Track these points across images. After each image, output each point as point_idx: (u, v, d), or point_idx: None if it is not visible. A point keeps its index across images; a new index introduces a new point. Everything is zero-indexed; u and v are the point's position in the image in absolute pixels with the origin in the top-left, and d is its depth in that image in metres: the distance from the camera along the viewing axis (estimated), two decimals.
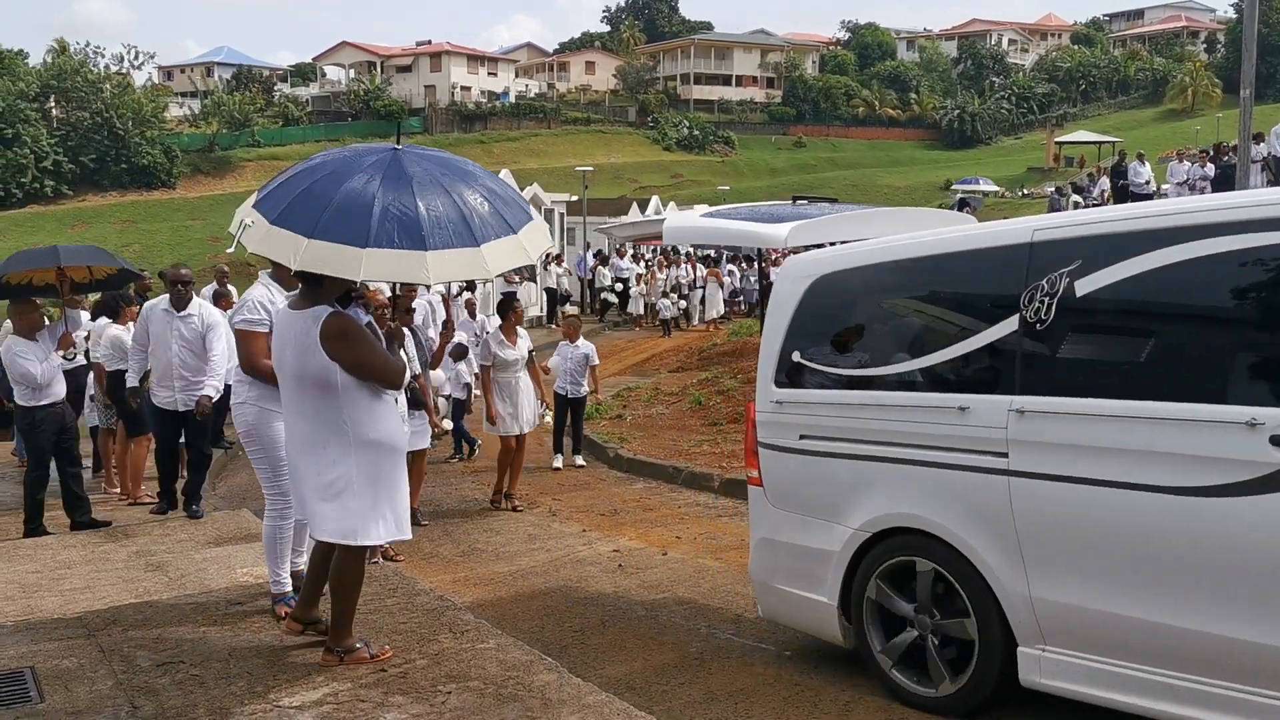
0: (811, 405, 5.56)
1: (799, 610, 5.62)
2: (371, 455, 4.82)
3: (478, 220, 4.60)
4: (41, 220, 67.01)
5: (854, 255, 5.71)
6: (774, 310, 5.95)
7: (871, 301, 5.62)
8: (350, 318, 4.80)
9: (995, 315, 4.82)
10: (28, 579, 6.81)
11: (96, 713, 4.58)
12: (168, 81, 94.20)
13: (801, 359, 5.66)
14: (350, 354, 4.73)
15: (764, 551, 5.81)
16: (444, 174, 4.72)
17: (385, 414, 4.90)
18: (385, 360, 4.86)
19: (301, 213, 4.45)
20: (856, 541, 5.25)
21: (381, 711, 4.54)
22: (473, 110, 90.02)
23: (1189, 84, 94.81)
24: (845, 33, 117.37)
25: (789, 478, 5.65)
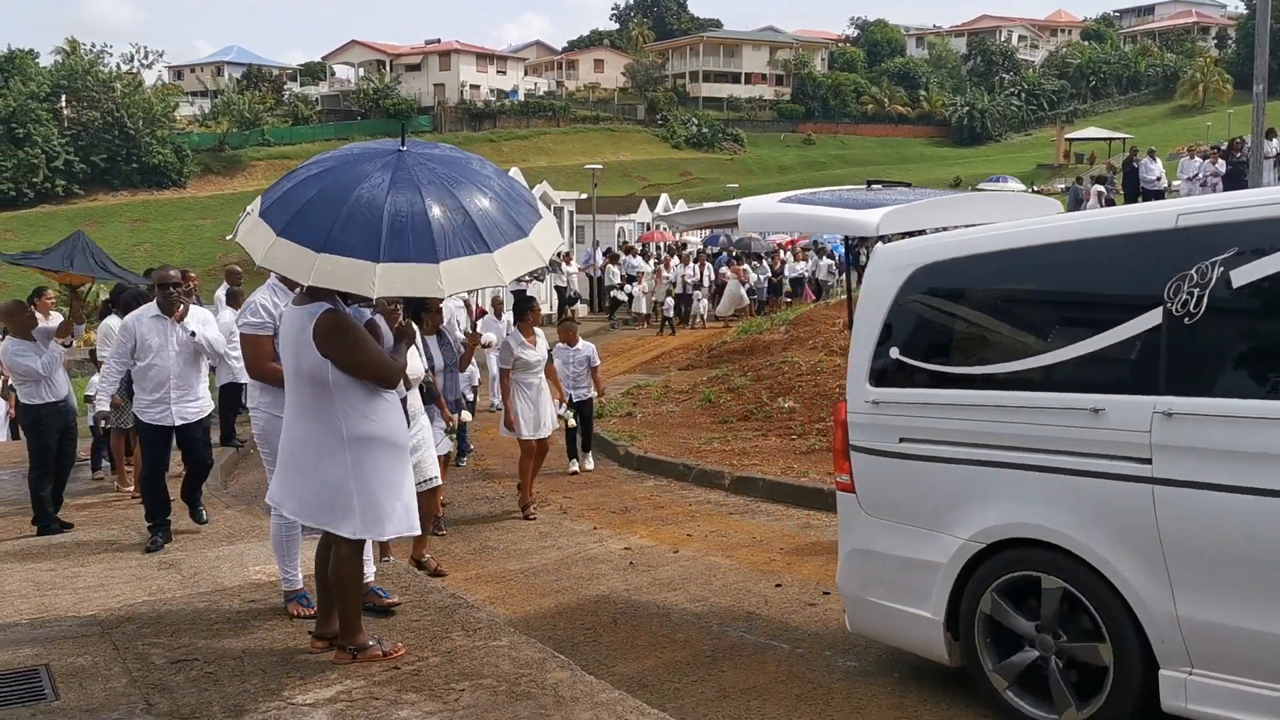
0: (914, 406, 5.15)
1: (897, 626, 5.23)
2: (367, 451, 4.83)
3: (488, 225, 4.52)
4: (53, 220, 67.23)
5: (963, 243, 5.29)
6: (867, 303, 5.51)
7: (985, 293, 5.19)
8: (344, 315, 4.80)
9: (1134, 308, 4.40)
10: (41, 577, 6.84)
11: (111, 710, 4.60)
12: (178, 81, 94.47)
13: (902, 356, 5.24)
14: (341, 351, 4.74)
15: (856, 563, 5.42)
16: (451, 176, 4.65)
17: (382, 411, 4.90)
18: (379, 359, 4.84)
19: (309, 224, 4.38)
20: (967, 553, 4.85)
21: (395, 709, 4.55)
22: (482, 109, 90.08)
23: (1200, 80, 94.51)
24: (854, 30, 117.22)
25: (887, 484, 5.26)
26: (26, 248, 62.90)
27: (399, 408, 5.06)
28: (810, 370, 14.34)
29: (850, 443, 5.43)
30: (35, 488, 8.39)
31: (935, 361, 5.17)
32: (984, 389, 4.91)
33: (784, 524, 9.03)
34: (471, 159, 4.97)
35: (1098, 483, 4.40)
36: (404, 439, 5.06)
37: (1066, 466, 4.50)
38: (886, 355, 5.30)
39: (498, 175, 4.90)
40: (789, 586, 7.13)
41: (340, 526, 4.85)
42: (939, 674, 5.45)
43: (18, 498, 9.94)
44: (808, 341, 16.46)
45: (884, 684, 5.39)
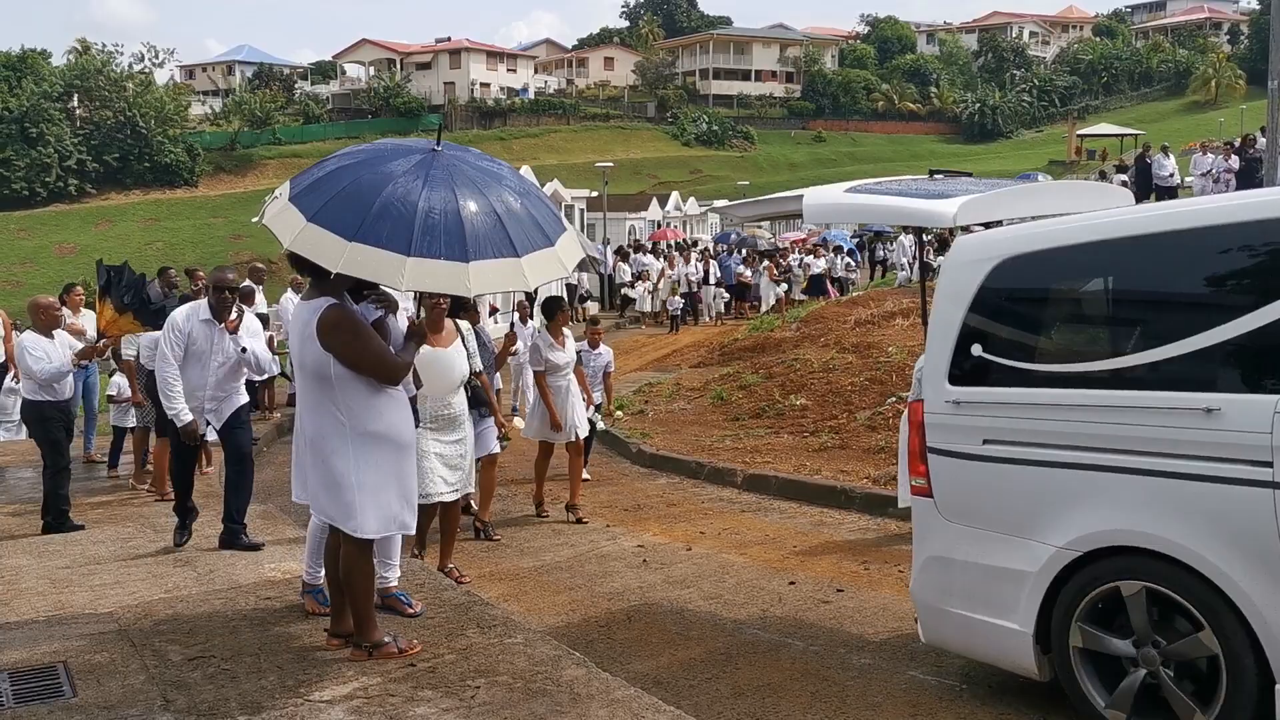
0: (1000, 406, 4.87)
1: (979, 638, 4.96)
2: (370, 447, 4.84)
3: (518, 231, 4.55)
4: (66, 219, 67.55)
5: (1055, 233, 4.98)
6: (945, 298, 5.25)
7: (1079, 286, 4.93)
8: (347, 310, 4.81)
9: (1251, 301, 4.13)
10: (58, 574, 6.88)
11: (129, 707, 4.62)
12: (189, 80, 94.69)
13: (986, 353, 4.97)
14: (343, 346, 4.75)
15: (934, 570, 5.16)
16: (484, 180, 4.68)
17: (386, 407, 4.89)
18: (380, 355, 4.82)
19: (342, 212, 4.38)
20: (1061, 561, 4.56)
21: (411, 706, 4.57)
22: (492, 107, 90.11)
23: (1212, 76, 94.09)
24: (864, 26, 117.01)
25: (969, 488, 4.99)
26: (40, 247, 63.42)
27: (405, 405, 5.06)
28: (822, 368, 14.33)
29: (927, 445, 5.17)
30: (54, 485, 8.36)
31: (1024, 359, 4.92)
32: (1080, 388, 4.65)
33: (797, 521, 9.03)
34: (503, 166, 5.01)
35: (1210, 487, 4.15)
36: (408, 437, 5.04)
37: (1174, 470, 4.26)
38: (968, 353, 5.04)
39: (526, 185, 4.94)
40: (803, 584, 7.13)
41: (344, 522, 4.88)
42: (953, 672, 5.46)
43: (36, 495, 9.98)
44: (819, 339, 16.45)
45: (899, 682, 5.39)
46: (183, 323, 7.39)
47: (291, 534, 7.89)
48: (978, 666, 5.52)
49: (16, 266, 60.71)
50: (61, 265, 59.65)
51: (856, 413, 12.26)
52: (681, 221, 47.16)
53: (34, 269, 60.33)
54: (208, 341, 7.39)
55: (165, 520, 8.52)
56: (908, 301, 18.42)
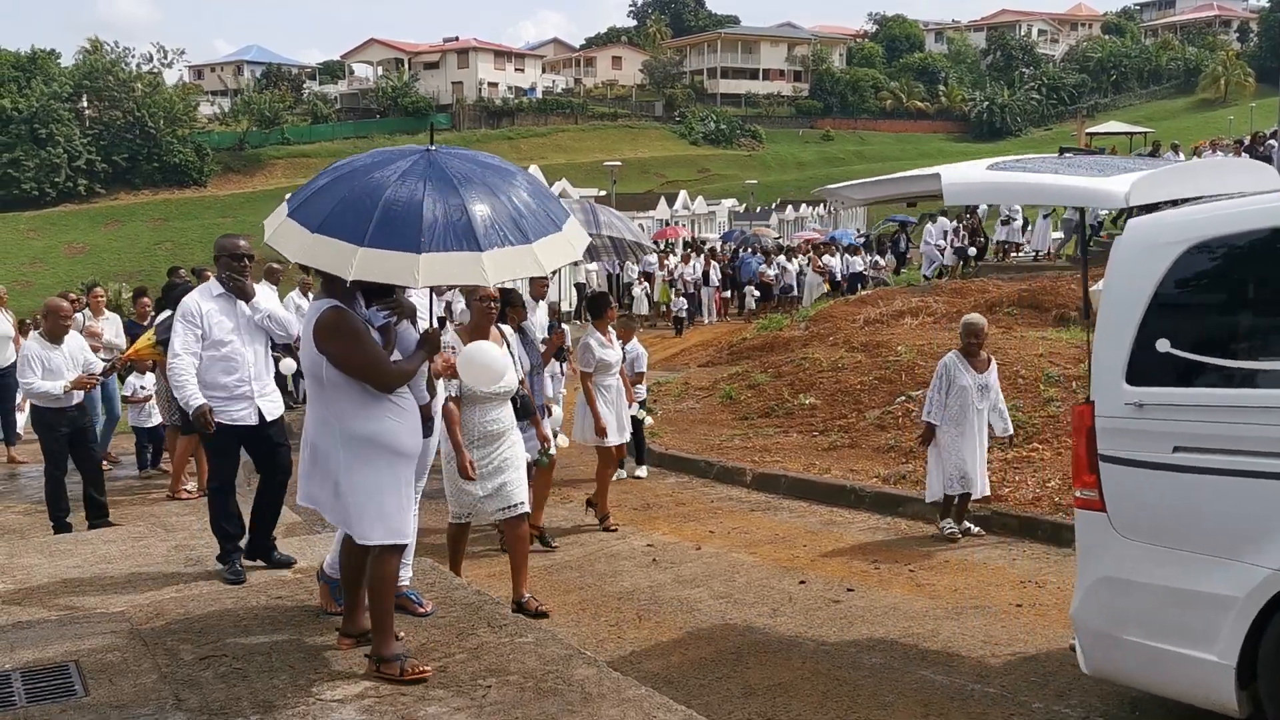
0: (1196, 409, 4.34)
1: (1164, 670, 4.44)
2: (359, 452, 4.77)
3: (527, 217, 4.54)
4: (75, 219, 67.77)
5: (1258, 213, 4.44)
6: (1119, 287, 4.75)
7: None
8: (345, 313, 4.74)
9: None
10: (70, 574, 6.88)
11: (141, 706, 4.62)
12: (198, 80, 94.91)
13: (1175, 349, 4.42)
14: (335, 349, 4.70)
15: (1106, 593, 4.65)
16: (484, 172, 4.68)
17: (379, 413, 4.79)
18: (372, 362, 4.74)
19: (346, 220, 4.36)
20: (1275, 586, 4.04)
21: (422, 705, 4.57)
22: (500, 106, 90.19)
23: (1221, 73, 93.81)
24: (872, 25, 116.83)
25: (1155, 501, 4.47)
26: (49, 247, 63.65)
27: (405, 412, 4.91)
28: (831, 367, 14.31)
29: (1100, 452, 4.64)
30: (48, 484, 8.33)
31: (1226, 355, 4.36)
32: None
33: (806, 520, 9.02)
34: (495, 159, 4.99)
35: None
36: (405, 445, 4.90)
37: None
38: (1152, 348, 4.48)
39: (524, 174, 4.92)
40: (813, 583, 7.12)
41: (348, 528, 4.88)
42: (965, 672, 5.45)
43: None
44: (828, 338, 16.42)
45: (910, 681, 5.38)
46: (195, 306, 6.66)
47: (302, 533, 7.91)
48: (989, 667, 5.51)
49: (26, 266, 60.90)
50: (71, 265, 59.91)
51: (866, 412, 12.24)
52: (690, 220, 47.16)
53: (43, 269, 60.55)
54: (231, 316, 6.70)
55: (176, 519, 8.54)
56: (916, 300, 18.39)
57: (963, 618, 6.30)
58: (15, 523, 8.71)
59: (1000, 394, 8.48)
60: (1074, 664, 5.48)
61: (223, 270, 6.76)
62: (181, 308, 6.74)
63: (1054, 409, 10.55)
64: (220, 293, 6.72)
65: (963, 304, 17.80)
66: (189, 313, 6.68)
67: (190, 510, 8.85)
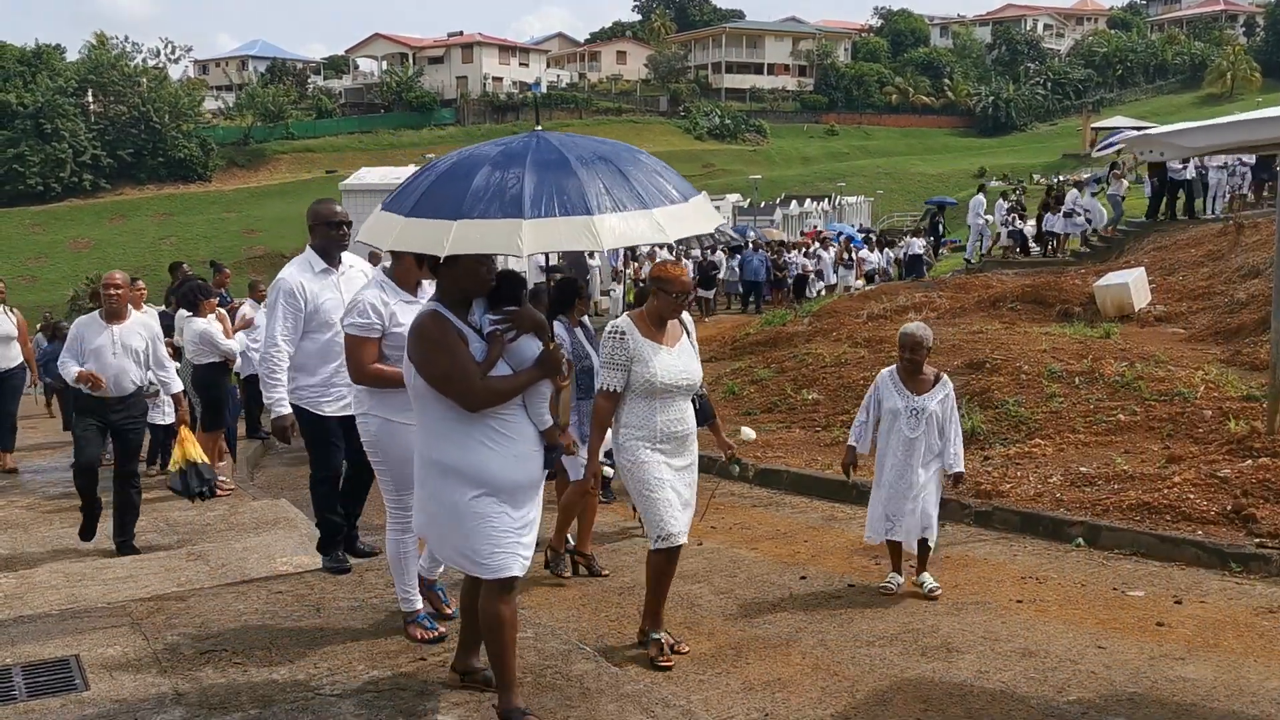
0: None
1: None
2: (445, 480, 4.28)
3: (644, 186, 4.14)
4: (80, 214, 67.85)
5: None
6: None
7: None
8: (438, 316, 4.24)
9: None
10: (72, 568, 6.91)
11: (142, 700, 4.64)
12: (203, 75, 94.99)
13: None
14: (419, 355, 4.23)
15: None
16: (595, 144, 4.34)
17: (467, 436, 4.24)
18: (459, 371, 4.17)
19: (440, 199, 4.01)
20: None
21: (422, 700, 4.58)
22: (504, 101, 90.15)
23: (1228, 68, 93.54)
24: (878, 19, 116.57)
25: None
26: (54, 242, 63.67)
27: (507, 440, 4.27)
28: (834, 362, 14.29)
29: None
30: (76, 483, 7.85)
31: None
32: None
33: (808, 516, 9.02)
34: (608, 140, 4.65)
35: None
36: (501, 478, 4.26)
37: None
38: None
39: (645, 155, 4.55)
40: (814, 579, 7.12)
41: (439, 555, 4.56)
42: (964, 667, 5.45)
43: (49, 491, 10.04)
44: (831, 334, 16.40)
45: (909, 677, 5.37)
46: (299, 285, 5.92)
47: (304, 528, 7.92)
48: (989, 662, 5.51)
49: (31, 261, 61.00)
50: (76, 260, 60.00)
51: None
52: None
53: (48, 264, 60.65)
54: (333, 292, 5.95)
55: (178, 515, 8.57)
56: (920, 295, 18.38)
57: (963, 613, 6.30)
58: (18, 517, 8.74)
59: (954, 423, 6.63)
60: (1074, 660, 5.50)
61: (319, 239, 6.03)
62: (281, 286, 5.95)
63: (1056, 404, 10.53)
64: (322, 268, 6.02)
65: (966, 299, 17.79)
66: (291, 292, 5.91)
67: (191, 505, 8.87)
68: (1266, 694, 5.04)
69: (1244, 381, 10.58)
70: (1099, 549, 7.49)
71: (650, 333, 5.44)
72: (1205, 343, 13.45)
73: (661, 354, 5.41)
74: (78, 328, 7.73)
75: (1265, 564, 6.82)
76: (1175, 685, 5.16)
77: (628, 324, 5.43)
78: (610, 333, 5.44)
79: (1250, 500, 7.55)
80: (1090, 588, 6.72)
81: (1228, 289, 15.55)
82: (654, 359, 5.38)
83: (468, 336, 4.23)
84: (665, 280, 5.44)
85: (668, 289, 5.43)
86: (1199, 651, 5.59)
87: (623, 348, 5.37)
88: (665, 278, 5.45)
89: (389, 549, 5.36)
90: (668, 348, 5.46)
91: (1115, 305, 15.74)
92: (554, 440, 4.39)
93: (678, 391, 5.51)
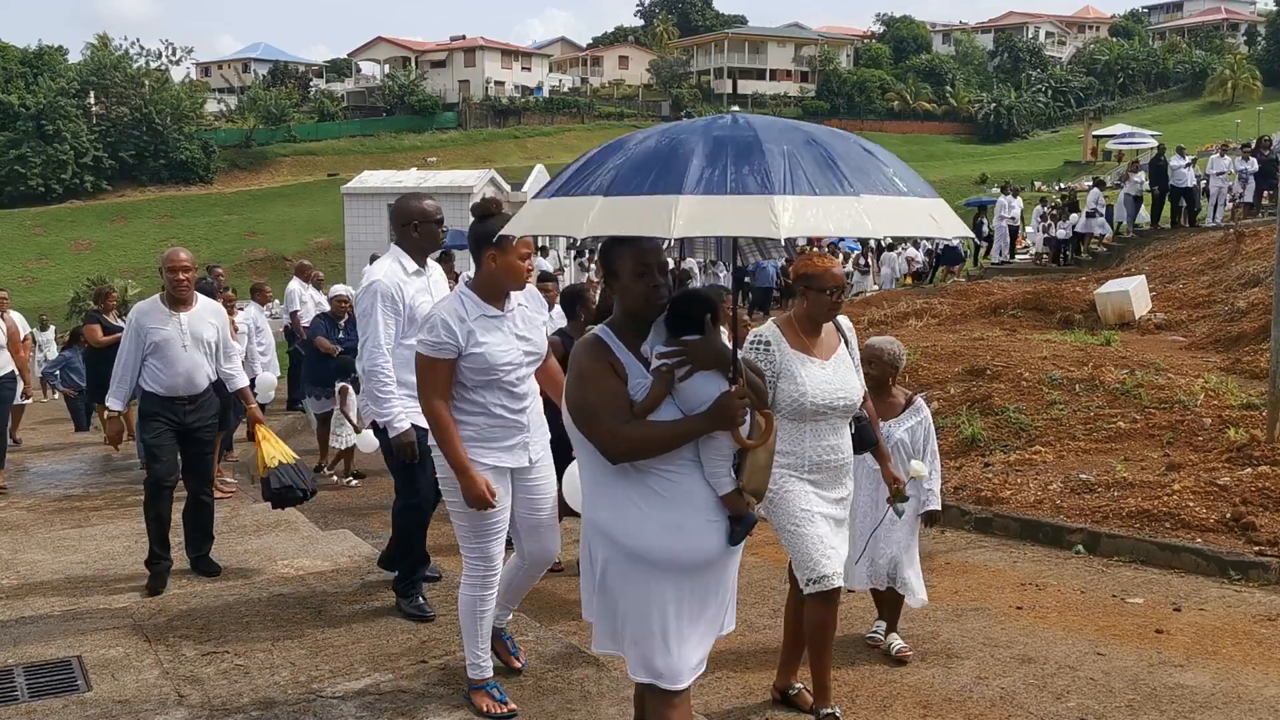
0: None
1: None
2: (599, 546, 3.41)
3: (855, 168, 3.26)
4: (81, 215, 67.88)
5: None
6: None
7: None
8: (594, 342, 3.41)
9: None
10: (74, 570, 6.92)
11: (143, 701, 4.66)
12: (205, 78, 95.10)
13: None
14: (567, 389, 3.41)
15: None
16: (813, 128, 3.53)
17: (618, 492, 3.34)
18: (602, 413, 3.28)
19: (587, 177, 3.33)
20: None
21: (423, 702, 4.59)
22: (507, 105, 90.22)
23: (1229, 77, 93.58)
24: (880, 26, 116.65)
25: None
26: (55, 243, 63.73)
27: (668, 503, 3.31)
28: None
29: None
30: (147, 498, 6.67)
31: None
32: None
33: None
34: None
35: None
36: (660, 552, 3.31)
37: None
38: None
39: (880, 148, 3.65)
40: None
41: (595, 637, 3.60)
42: (964, 672, 5.46)
43: (52, 491, 10.05)
44: None
45: (910, 682, 5.39)
46: (396, 287, 5.42)
47: (305, 531, 7.93)
48: (988, 668, 5.52)
49: (32, 263, 61.02)
50: (77, 261, 60.01)
51: None
52: None
53: (50, 265, 60.66)
54: (429, 300, 5.43)
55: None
56: (921, 302, 18.40)
57: (962, 619, 6.31)
58: (19, 518, 8.75)
59: (932, 454, 5.68)
60: (1073, 666, 5.51)
61: (415, 238, 5.54)
62: (378, 289, 5.41)
63: (1057, 411, 10.55)
64: (414, 269, 5.56)
65: (967, 306, 17.83)
66: (390, 294, 5.41)
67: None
68: (1265, 701, 5.05)
69: (1244, 390, 10.60)
70: (1098, 556, 7.51)
71: (800, 343, 4.58)
72: (1205, 350, 13.47)
73: (812, 368, 4.53)
74: (138, 315, 6.58)
75: (1264, 572, 6.84)
76: (1174, 692, 5.18)
77: (774, 332, 4.58)
78: (753, 343, 4.56)
79: (1249, 508, 7.57)
80: (1090, 594, 6.74)
81: (1228, 297, 15.58)
82: (804, 374, 4.51)
83: (628, 370, 3.35)
84: (814, 275, 4.55)
85: (818, 284, 4.54)
86: (1198, 659, 5.61)
87: (767, 361, 4.50)
88: (813, 272, 4.55)
89: (461, 604, 4.62)
90: (820, 360, 4.57)
91: (1116, 313, 15.77)
92: (738, 509, 3.38)
93: (833, 413, 4.57)
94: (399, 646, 5.28)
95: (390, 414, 5.40)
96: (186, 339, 6.54)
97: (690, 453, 3.32)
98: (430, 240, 5.58)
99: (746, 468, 3.36)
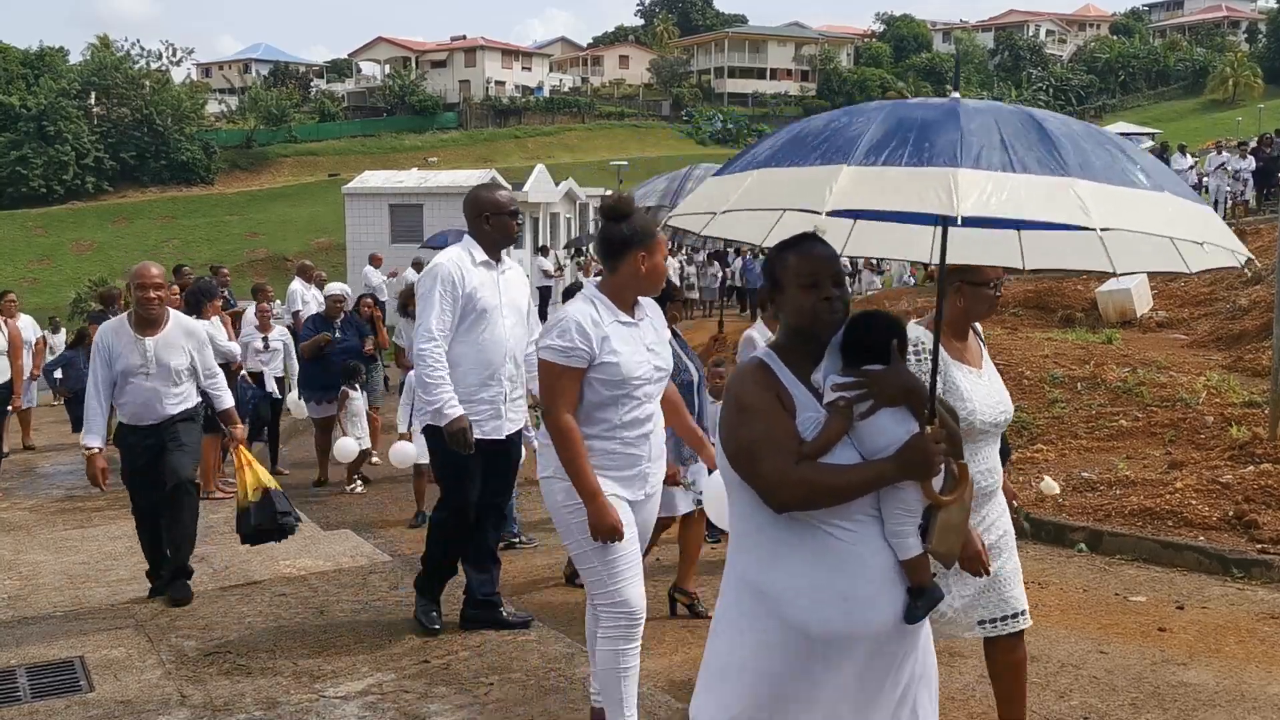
0: None
1: None
2: (760, 621, 2.78)
3: (1078, 151, 2.66)
4: (82, 216, 67.88)
5: None
6: None
7: None
8: (759, 369, 2.82)
9: None
10: (76, 570, 6.93)
11: (146, 701, 4.66)
12: (206, 78, 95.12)
13: None
14: (724, 421, 2.83)
15: None
16: (1031, 109, 2.94)
17: (768, 543, 2.77)
18: (768, 452, 2.70)
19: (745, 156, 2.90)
20: None
21: (425, 702, 4.59)
22: (507, 105, 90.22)
23: (1230, 74, 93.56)
24: (880, 25, 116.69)
25: None
26: (56, 244, 63.72)
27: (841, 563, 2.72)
28: None
29: None
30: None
31: None
32: None
33: None
34: None
35: None
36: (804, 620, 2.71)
37: None
38: None
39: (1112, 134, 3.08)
40: None
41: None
42: (968, 672, 5.45)
43: (56, 493, 10.06)
44: None
45: None
46: (458, 272, 5.07)
47: (306, 531, 7.93)
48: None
49: (34, 264, 61.03)
50: (79, 262, 60.02)
51: None
52: None
53: (51, 266, 60.67)
54: (494, 292, 5.15)
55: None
56: (923, 301, 18.37)
57: None
58: (22, 519, 8.76)
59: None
60: (1076, 664, 5.50)
61: (488, 229, 5.22)
62: (439, 271, 5.10)
63: (1059, 410, 10.54)
64: (484, 259, 5.18)
65: None
66: (450, 278, 5.06)
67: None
68: (1268, 699, 5.05)
69: (1246, 387, 10.59)
70: (1101, 554, 7.50)
71: (955, 350, 3.86)
72: (1207, 348, 13.47)
73: (973, 379, 3.84)
74: (104, 335, 6.16)
75: (1267, 569, 6.83)
76: (1177, 690, 5.17)
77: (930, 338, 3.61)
78: (915, 350, 3.68)
79: (1252, 506, 7.56)
80: (1092, 593, 6.73)
81: (1229, 295, 15.58)
82: (968, 386, 3.79)
83: (799, 402, 2.78)
84: (974, 268, 3.83)
85: (979, 277, 3.86)
86: (1200, 657, 5.60)
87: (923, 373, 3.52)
88: (972, 265, 3.82)
89: (600, 661, 4.13)
90: (976, 369, 3.90)
91: (1117, 311, 15.77)
92: (923, 579, 2.78)
93: (994, 431, 3.91)
94: (401, 646, 5.28)
95: (440, 399, 4.98)
96: (151, 366, 6.04)
97: (870, 506, 2.74)
98: (503, 233, 5.21)
99: (936, 527, 2.77)
